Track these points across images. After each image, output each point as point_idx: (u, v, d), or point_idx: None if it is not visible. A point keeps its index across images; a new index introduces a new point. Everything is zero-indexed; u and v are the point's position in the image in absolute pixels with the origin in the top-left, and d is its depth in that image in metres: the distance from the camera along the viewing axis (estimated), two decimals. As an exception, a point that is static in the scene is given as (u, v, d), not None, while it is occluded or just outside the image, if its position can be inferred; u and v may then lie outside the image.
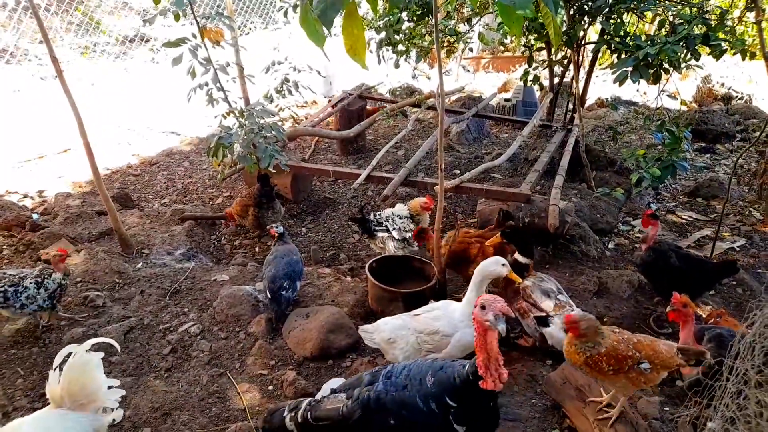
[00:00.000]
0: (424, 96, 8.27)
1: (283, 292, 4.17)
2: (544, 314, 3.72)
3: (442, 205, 4.22)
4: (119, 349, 2.71)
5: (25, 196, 6.89)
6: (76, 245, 5.42)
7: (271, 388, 3.62)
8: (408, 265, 4.68)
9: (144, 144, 8.83)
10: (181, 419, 3.39)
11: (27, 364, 3.87)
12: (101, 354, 2.73)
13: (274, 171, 4.92)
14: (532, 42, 7.19)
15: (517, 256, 3.98)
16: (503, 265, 3.53)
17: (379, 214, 5.37)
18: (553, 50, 7.14)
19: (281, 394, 3.54)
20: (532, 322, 3.81)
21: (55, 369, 2.55)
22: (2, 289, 3.84)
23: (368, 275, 4.29)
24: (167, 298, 4.62)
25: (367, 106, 8.78)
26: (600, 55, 7.56)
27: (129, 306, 4.49)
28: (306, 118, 9.12)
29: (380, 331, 3.49)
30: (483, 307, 2.22)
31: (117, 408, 2.81)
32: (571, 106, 7.67)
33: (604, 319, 4.38)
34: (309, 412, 2.51)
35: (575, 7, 5.93)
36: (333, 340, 3.88)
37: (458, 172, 7.22)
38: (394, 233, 5.16)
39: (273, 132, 4.84)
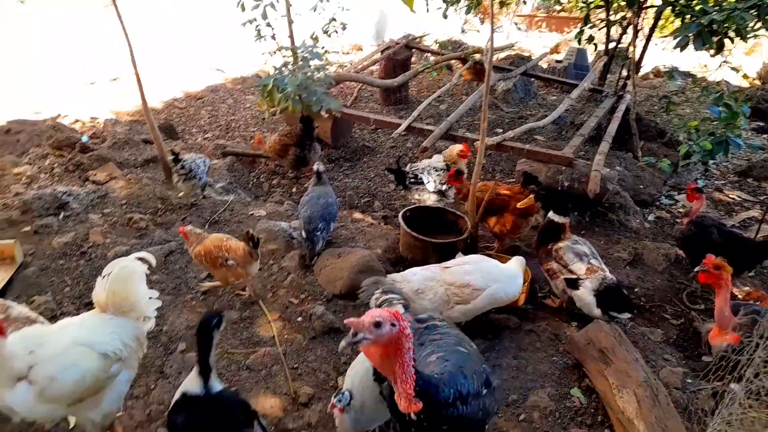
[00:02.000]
0: (472, 50, 8.06)
1: (318, 233, 4.26)
2: (574, 276, 3.72)
3: (481, 161, 4.19)
4: (153, 263, 2.84)
5: (76, 120, 7.12)
6: (122, 170, 5.62)
7: (299, 319, 3.76)
8: (442, 216, 4.70)
9: (190, 79, 8.93)
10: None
11: (74, 275, 4.11)
12: (145, 267, 2.87)
13: (326, 115, 4.93)
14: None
15: (551, 215, 3.94)
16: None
17: (416, 166, 5.35)
18: (611, 9, 6.80)
19: (309, 326, 3.68)
20: (561, 283, 3.81)
21: (103, 277, 2.70)
22: (189, 165, 4.86)
23: (401, 223, 4.33)
24: (206, 226, 4.77)
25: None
26: (662, 21, 7.19)
27: (170, 231, 4.67)
28: (350, 64, 9.03)
29: (408, 281, 3.48)
30: (378, 325, 1.73)
31: (153, 318, 2.95)
32: (625, 72, 7.37)
33: (635, 289, 4.35)
34: None
35: (643, -35, 5.61)
36: (362, 280, 3.94)
37: (500, 131, 7.09)
38: (429, 185, 5.16)
39: (323, 75, 4.85)
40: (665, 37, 8.57)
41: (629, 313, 3.56)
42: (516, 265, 3.65)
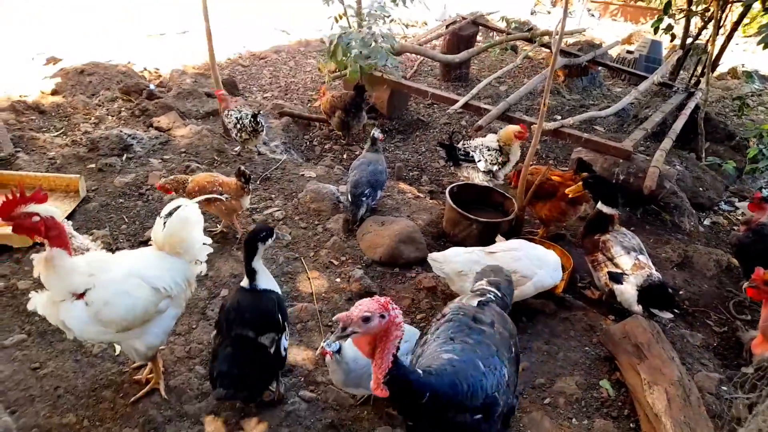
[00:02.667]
0: (540, 32, 7.83)
1: (363, 198, 4.32)
2: (619, 271, 3.65)
3: (537, 143, 4.12)
4: (225, 199, 3.11)
5: (145, 69, 7.38)
6: (183, 119, 5.82)
7: (338, 280, 3.86)
8: (488, 197, 4.67)
9: (256, 38, 9.08)
10: (255, 289, 3.71)
11: (131, 214, 4.33)
12: (199, 214, 2.99)
13: (385, 75, 4.90)
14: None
15: (600, 206, 3.85)
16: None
17: (468, 144, 5.31)
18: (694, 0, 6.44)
19: (346, 288, 3.77)
20: (604, 276, 3.74)
21: (163, 217, 2.84)
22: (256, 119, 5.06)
23: (447, 197, 4.33)
24: (258, 182, 4.92)
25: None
26: (747, 20, 6.77)
27: (223, 183, 4.83)
28: (413, 37, 8.95)
29: (451, 262, 3.47)
30: (366, 320, 1.75)
31: (204, 262, 3.10)
32: (699, 69, 7.02)
33: (680, 292, 4.23)
34: None
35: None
36: (403, 250, 4.02)
37: (559, 117, 6.91)
38: (480, 164, 5.12)
39: (387, 40, 4.84)
40: (749, 37, 8.07)
41: (671, 313, 3.48)
42: (556, 254, 3.61)
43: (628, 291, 3.57)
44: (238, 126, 5.08)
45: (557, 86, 8.21)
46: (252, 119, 5.07)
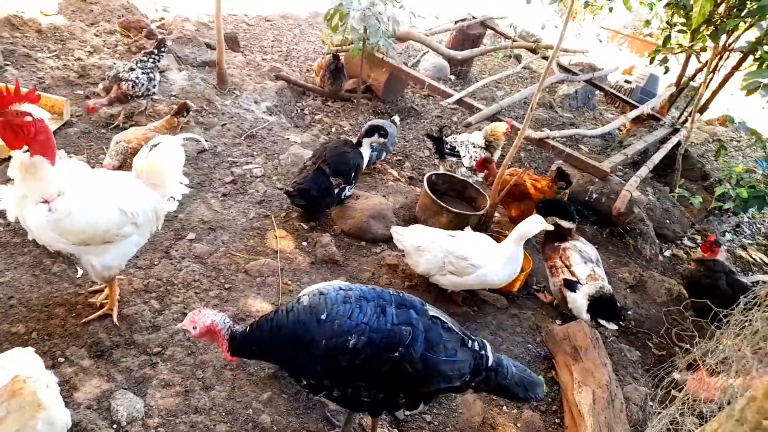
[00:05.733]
0: (544, 45, 7.96)
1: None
2: (574, 279, 3.80)
3: (518, 146, 4.24)
4: (205, 146, 3.11)
5: (148, 8, 7.30)
6: (179, 65, 5.80)
7: (305, 243, 3.94)
8: (464, 190, 4.78)
9: (266, 0, 9.01)
10: (222, 238, 3.78)
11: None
12: (183, 153, 3.02)
13: (385, 57, 4.98)
14: (677, 23, 6.69)
15: (558, 220, 4.00)
16: (541, 223, 3.58)
17: (456, 138, 5.41)
18: (694, 36, 6.60)
19: (312, 252, 3.85)
20: (559, 281, 3.89)
21: (149, 147, 2.87)
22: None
23: (424, 184, 4.43)
24: (242, 138, 4.95)
25: (485, 37, 8.54)
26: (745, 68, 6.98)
27: (209, 132, 4.86)
28: (421, 29, 8.99)
29: (412, 237, 3.60)
30: (194, 327, 2.31)
31: (176, 201, 3.14)
32: (690, 109, 7.22)
33: (629, 311, 4.41)
34: None
35: (737, 1, 5.44)
36: (372, 225, 4.12)
37: (548, 130, 7.05)
38: (465, 159, 5.22)
39: (389, 22, 4.90)
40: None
41: (616, 325, 3.64)
42: (515, 246, 3.60)
43: (580, 299, 3.73)
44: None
45: (552, 101, 8.36)
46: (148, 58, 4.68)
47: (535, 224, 3.55)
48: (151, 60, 4.65)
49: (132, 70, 4.48)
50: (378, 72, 6.62)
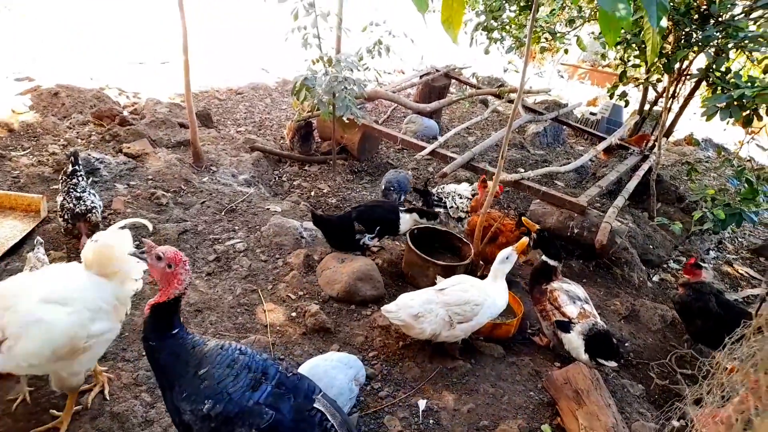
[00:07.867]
0: (508, 89, 8.24)
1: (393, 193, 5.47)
2: (566, 319, 3.79)
3: (495, 191, 4.31)
4: (151, 229, 3.06)
5: (120, 93, 7.45)
6: (154, 148, 5.88)
7: (294, 314, 3.90)
8: (448, 241, 4.81)
9: (235, 74, 9.27)
10: (210, 319, 3.73)
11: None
12: (129, 236, 2.88)
13: (349, 120, 5.14)
14: (631, 57, 7.01)
15: (544, 257, 4.04)
16: (512, 251, 3.71)
17: (443, 187, 5.48)
18: (650, 69, 6.92)
19: (302, 322, 3.81)
20: (551, 325, 3.88)
21: (93, 240, 2.84)
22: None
23: (407, 240, 4.46)
24: (222, 213, 4.97)
25: (452, 89, 8.83)
26: (702, 93, 7.27)
27: (188, 212, 4.88)
28: (388, 84, 9.27)
29: (407, 307, 3.49)
30: (158, 258, 2.18)
31: (138, 280, 3.05)
32: (655, 134, 7.46)
33: (626, 344, 4.39)
34: None
35: (684, 33, 5.73)
36: (360, 288, 4.10)
37: (523, 170, 7.21)
38: (451, 211, 5.29)
39: (354, 86, 5.06)
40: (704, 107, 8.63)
41: (615, 362, 3.62)
42: (499, 281, 3.74)
43: (575, 339, 3.70)
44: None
45: (523, 141, 8.58)
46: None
47: (507, 254, 3.67)
48: (78, 177, 4.19)
49: (80, 198, 4.09)
50: (351, 132, 6.77)
